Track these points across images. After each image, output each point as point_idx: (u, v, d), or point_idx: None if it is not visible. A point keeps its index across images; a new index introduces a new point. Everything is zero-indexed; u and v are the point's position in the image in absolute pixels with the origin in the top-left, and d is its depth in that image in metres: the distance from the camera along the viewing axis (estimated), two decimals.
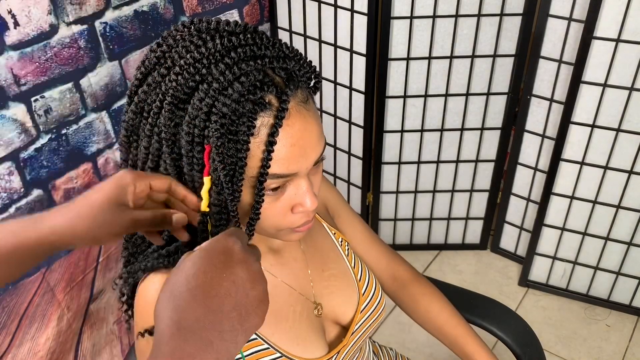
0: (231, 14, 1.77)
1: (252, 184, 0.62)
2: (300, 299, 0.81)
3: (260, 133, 0.59)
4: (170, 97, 0.59)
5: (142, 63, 0.64)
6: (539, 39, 1.65)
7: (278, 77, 0.61)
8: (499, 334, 1.07)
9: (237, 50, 0.58)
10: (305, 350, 0.77)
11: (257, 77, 0.58)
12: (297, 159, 0.62)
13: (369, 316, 0.87)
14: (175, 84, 0.59)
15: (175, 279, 0.48)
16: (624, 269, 1.84)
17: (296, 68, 0.62)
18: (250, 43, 0.60)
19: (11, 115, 1.22)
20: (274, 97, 0.60)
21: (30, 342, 1.36)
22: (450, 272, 2.10)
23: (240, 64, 0.58)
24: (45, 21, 1.23)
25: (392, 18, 1.67)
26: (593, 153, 1.68)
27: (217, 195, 0.61)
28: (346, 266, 0.88)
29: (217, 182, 0.60)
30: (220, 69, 0.57)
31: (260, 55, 0.59)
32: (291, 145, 0.61)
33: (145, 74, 0.63)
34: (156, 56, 0.62)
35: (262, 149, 0.60)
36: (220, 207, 0.62)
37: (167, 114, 0.59)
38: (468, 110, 1.84)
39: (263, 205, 0.64)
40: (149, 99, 0.62)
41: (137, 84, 0.64)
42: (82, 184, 1.43)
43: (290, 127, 0.60)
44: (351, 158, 2.02)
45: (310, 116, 0.63)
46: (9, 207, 1.28)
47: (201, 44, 0.60)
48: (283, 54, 0.61)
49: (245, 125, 0.58)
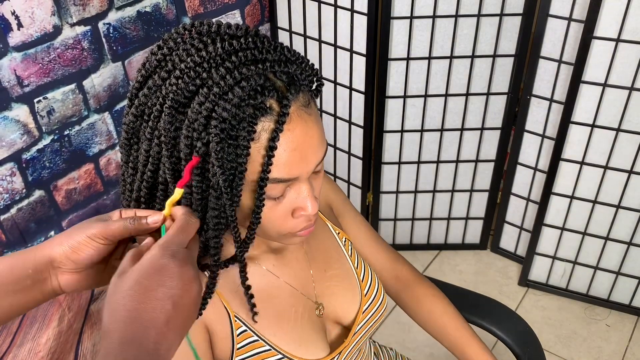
0: (233, 14, 1.77)
1: (252, 189, 0.62)
2: (301, 299, 0.81)
3: (260, 138, 0.59)
4: (171, 100, 0.58)
5: (142, 66, 0.63)
6: (539, 39, 1.65)
7: (279, 82, 0.60)
8: (499, 334, 1.07)
9: (238, 54, 0.58)
10: (307, 351, 0.77)
11: (258, 82, 0.58)
12: (298, 164, 0.62)
13: (370, 316, 0.87)
14: (175, 87, 0.58)
15: (113, 299, 0.50)
16: (623, 269, 1.84)
17: (298, 72, 0.62)
18: (252, 47, 0.59)
19: (14, 116, 1.23)
20: (275, 102, 0.59)
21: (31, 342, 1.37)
22: (450, 272, 2.11)
23: (241, 68, 0.57)
24: (48, 22, 1.23)
25: (392, 18, 1.68)
26: (593, 153, 1.68)
27: (215, 200, 0.61)
28: (349, 266, 0.88)
29: (216, 187, 0.60)
30: (220, 73, 0.57)
31: (262, 59, 0.59)
32: (292, 150, 0.61)
33: (146, 77, 0.63)
34: (157, 59, 0.62)
35: (263, 154, 0.60)
36: (219, 211, 0.62)
37: (167, 117, 0.59)
38: (468, 110, 1.85)
39: (264, 210, 0.64)
40: (150, 102, 0.61)
41: (138, 86, 0.63)
42: (84, 184, 1.44)
43: (291, 132, 0.60)
44: (351, 158, 2.02)
45: (312, 120, 0.63)
46: (11, 207, 1.28)
47: (202, 47, 0.59)
48: (285, 57, 0.61)
49: (246, 131, 0.58)
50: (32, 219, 1.33)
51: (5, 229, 1.28)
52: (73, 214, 1.44)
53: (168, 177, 0.62)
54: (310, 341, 0.78)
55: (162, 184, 0.63)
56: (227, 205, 0.61)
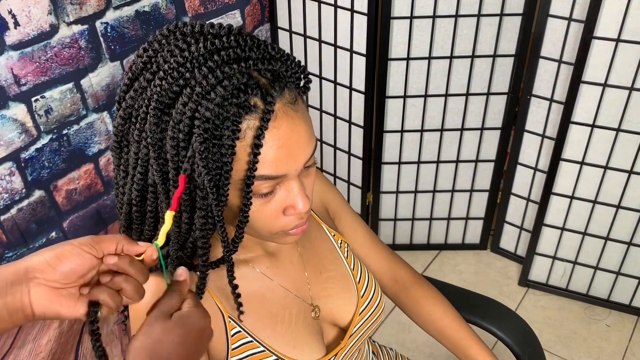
0: (233, 14, 1.77)
1: (240, 187, 0.62)
2: (296, 302, 0.81)
3: (246, 136, 0.59)
4: (155, 102, 0.58)
5: (129, 68, 0.63)
6: (539, 39, 1.65)
7: (264, 79, 0.60)
8: (499, 334, 1.07)
9: (220, 53, 0.58)
10: (302, 352, 0.77)
11: (241, 80, 0.57)
12: (286, 161, 0.61)
13: (367, 318, 0.86)
14: (159, 89, 0.58)
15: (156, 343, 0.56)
16: (623, 269, 1.84)
17: (283, 69, 0.61)
18: (234, 45, 0.59)
19: (11, 115, 1.22)
20: (259, 100, 0.59)
21: (32, 343, 1.36)
22: (450, 272, 2.10)
23: (224, 67, 0.57)
24: (45, 21, 1.23)
25: (392, 18, 1.68)
26: (593, 153, 1.68)
27: (202, 200, 0.61)
28: (345, 268, 0.87)
29: (202, 187, 0.60)
30: (203, 73, 0.57)
31: (244, 57, 0.59)
32: (278, 147, 0.60)
33: (132, 80, 0.63)
34: (142, 61, 0.62)
35: (249, 152, 0.59)
36: (206, 211, 0.62)
37: (152, 119, 0.59)
38: (468, 110, 1.85)
39: (255, 209, 0.64)
40: (136, 104, 0.61)
41: (125, 89, 0.63)
42: (84, 185, 1.43)
43: (277, 129, 0.60)
44: (351, 158, 2.02)
45: (299, 117, 0.62)
46: (11, 207, 1.28)
47: (185, 47, 0.59)
48: (269, 55, 0.60)
49: (230, 130, 0.57)
50: (32, 220, 1.33)
51: (6, 229, 1.28)
52: (74, 214, 1.43)
53: (157, 179, 0.62)
54: (305, 343, 0.78)
55: (151, 185, 0.64)
56: (214, 206, 0.61)
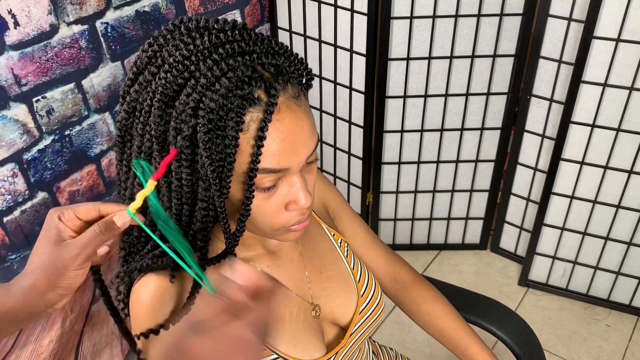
0: (233, 14, 1.77)
1: (242, 180, 0.62)
2: (297, 301, 0.81)
3: (249, 128, 0.59)
4: (160, 94, 0.59)
5: (134, 63, 0.64)
6: (539, 39, 1.65)
7: (267, 73, 0.61)
8: (499, 334, 1.07)
9: (225, 46, 0.59)
10: (303, 351, 0.77)
11: (245, 73, 0.58)
12: (288, 154, 0.62)
13: (368, 317, 0.87)
14: (164, 81, 0.59)
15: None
16: (623, 269, 1.84)
17: (286, 64, 0.62)
18: (239, 39, 0.60)
19: (13, 115, 1.22)
20: (262, 92, 0.59)
21: (33, 343, 1.36)
22: (450, 272, 2.11)
23: (228, 59, 0.58)
24: (45, 21, 1.23)
25: (392, 18, 1.68)
26: (593, 153, 1.68)
27: (204, 191, 0.61)
28: (345, 267, 0.88)
29: (205, 178, 0.60)
30: (207, 65, 0.57)
31: (249, 51, 0.59)
32: (281, 140, 0.61)
33: (137, 74, 0.63)
34: (147, 56, 0.62)
35: (252, 144, 0.60)
36: (208, 203, 0.62)
37: (156, 111, 0.60)
38: (468, 110, 1.85)
39: (257, 203, 0.64)
40: (140, 98, 0.62)
41: (129, 84, 0.64)
42: (87, 185, 1.44)
43: (280, 122, 0.60)
44: (351, 158, 2.02)
45: (302, 112, 0.63)
46: (14, 209, 1.27)
47: (190, 41, 0.60)
48: (272, 49, 0.61)
49: (234, 121, 0.58)
50: (37, 222, 1.33)
51: (9, 231, 1.28)
52: None
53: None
54: (306, 341, 0.78)
55: None
56: (216, 197, 0.61)
